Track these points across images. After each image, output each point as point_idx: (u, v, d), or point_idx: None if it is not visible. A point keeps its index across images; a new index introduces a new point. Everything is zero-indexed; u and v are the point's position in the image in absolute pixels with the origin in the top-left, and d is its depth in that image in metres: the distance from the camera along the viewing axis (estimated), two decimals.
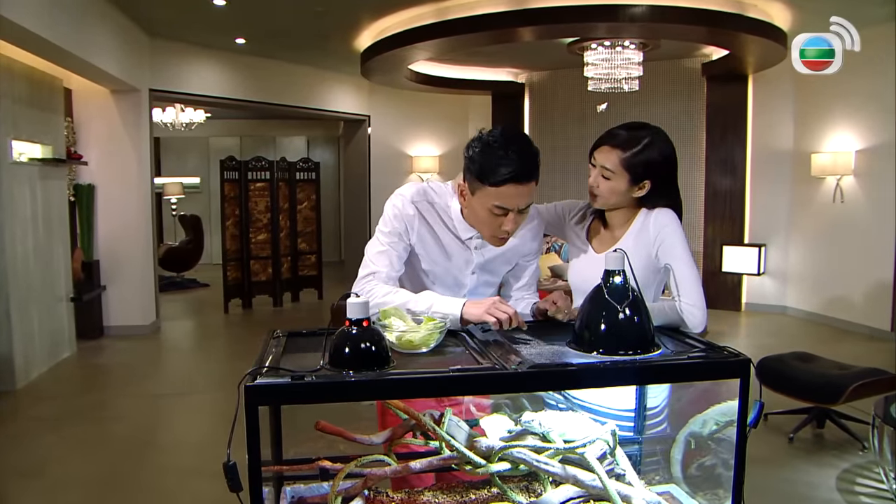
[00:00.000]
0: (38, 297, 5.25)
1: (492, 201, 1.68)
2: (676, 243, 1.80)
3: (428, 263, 1.89)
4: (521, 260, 1.98)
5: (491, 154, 1.65)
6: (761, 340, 6.45)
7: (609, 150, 1.80)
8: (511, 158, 1.64)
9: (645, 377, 1.38)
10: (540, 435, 1.57)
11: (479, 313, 1.64)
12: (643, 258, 1.80)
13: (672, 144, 1.83)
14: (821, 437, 3.88)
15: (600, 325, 1.42)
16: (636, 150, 1.78)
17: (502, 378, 1.23)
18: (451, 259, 1.88)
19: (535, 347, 1.48)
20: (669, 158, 1.81)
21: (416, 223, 1.84)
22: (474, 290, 1.94)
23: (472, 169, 1.69)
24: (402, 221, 1.83)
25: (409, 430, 1.62)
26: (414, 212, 1.84)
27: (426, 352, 1.47)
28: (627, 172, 1.79)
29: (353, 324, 1.33)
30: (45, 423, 4.23)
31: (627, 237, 1.86)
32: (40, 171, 5.33)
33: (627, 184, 1.80)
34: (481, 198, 1.70)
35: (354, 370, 1.30)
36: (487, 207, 1.70)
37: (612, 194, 1.82)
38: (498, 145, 1.65)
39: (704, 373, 1.35)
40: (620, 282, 1.45)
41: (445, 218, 1.86)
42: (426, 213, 1.85)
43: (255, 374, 1.25)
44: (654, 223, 1.82)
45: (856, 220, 6.45)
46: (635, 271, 1.79)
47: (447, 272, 1.89)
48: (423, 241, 1.86)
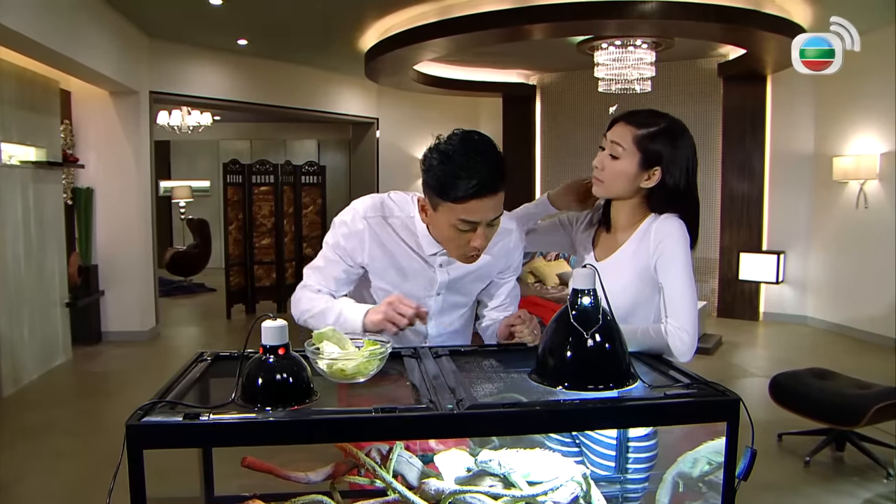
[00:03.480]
0: (30, 302, 5.13)
1: (456, 217, 1.48)
2: (676, 255, 1.55)
3: (383, 284, 1.69)
4: (496, 277, 1.77)
5: (450, 165, 1.45)
6: (778, 353, 6.17)
7: (624, 126, 1.61)
8: (473, 169, 1.43)
9: (613, 420, 1.16)
10: (500, 476, 1.37)
11: (379, 320, 1.48)
12: (641, 270, 1.58)
13: (694, 145, 1.64)
14: (840, 461, 3.59)
15: (565, 353, 1.22)
16: (654, 130, 1.59)
17: (433, 421, 1.03)
18: (410, 280, 1.67)
19: (494, 380, 1.28)
20: (686, 154, 1.61)
21: (368, 241, 1.64)
22: (441, 315, 1.73)
23: (431, 184, 1.49)
24: (350, 239, 1.64)
25: (354, 467, 1.43)
26: (364, 227, 1.64)
27: (363, 381, 1.27)
28: (640, 151, 1.58)
29: (268, 351, 1.14)
30: (25, 433, 4.09)
31: (630, 243, 1.63)
32: (34, 175, 5.22)
33: (637, 166, 1.58)
34: (444, 214, 1.50)
35: (269, 405, 1.11)
36: (452, 224, 1.50)
37: (618, 178, 1.60)
38: (457, 154, 1.45)
39: (684, 415, 1.13)
40: (590, 303, 1.24)
41: (405, 233, 1.65)
42: (379, 229, 1.64)
43: (146, 410, 1.06)
44: (657, 231, 1.58)
45: (880, 226, 6.14)
46: (632, 286, 1.59)
47: (409, 295, 1.64)
48: (374, 260, 1.66)
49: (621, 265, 1.61)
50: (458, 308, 1.76)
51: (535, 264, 6.74)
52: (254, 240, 7.77)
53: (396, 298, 1.51)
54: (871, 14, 5.36)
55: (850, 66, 4.38)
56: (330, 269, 1.67)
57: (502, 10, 5.51)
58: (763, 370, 5.41)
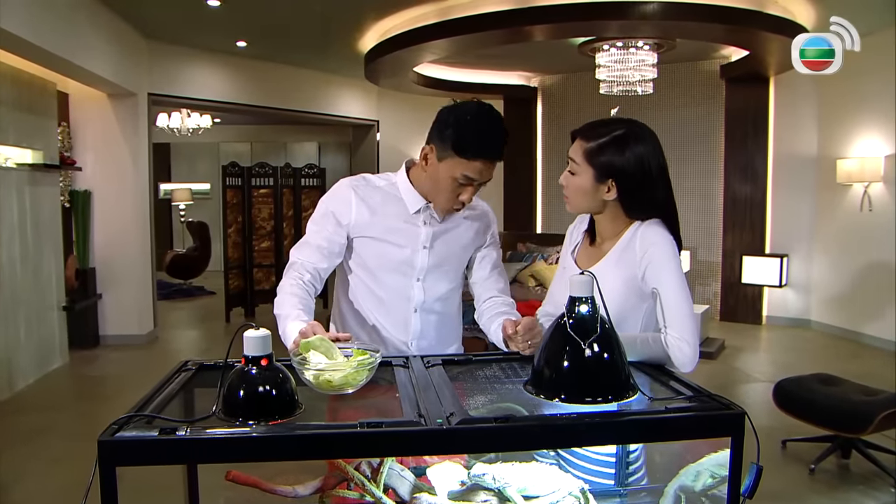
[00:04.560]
0: (26, 306, 5.09)
1: (461, 171, 1.65)
2: (666, 263, 1.50)
3: (371, 248, 1.77)
4: (475, 252, 1.87)
5: (470, 128, 1.63)
6: (782, 357, 6.10)
7: (577, 142, 1.59)
8: (490, 135, 1.64)
9: (611, 435, 1.10)
10: (495, 491, 1.32)
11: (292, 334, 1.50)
12: (627, 280, 1.52)
13: (654, 144, 1.54)
14: (846, 468, 3.53)
15: (562, 364, 1.16)
16: (601, 142, 1.53)
17: (422, 437, 0.97)
18: (396, 234, 1.76)
19: (488, 391, 1.23)
20: (642, 160, 1.52)
21: (354, 203, 1.76)
22: (430, 278, 1.79)
23: (447, 136, 1.64)
24: (337, 202, 1.77)
25: (343, 480, 1.38)
26: (350, 192, 1.78)
27: (352, 392, 1.22)
28: (591, 166, 1.54)
29: (250, 362, 1.09)
30: (20, 437, 4.04)
31: (613, 252, 1.58)
32: (30, 177, 5.18)
33: (592, 181, 1.54)
34: (449, 166, 1.66)
35: (251, 419, 1.06)
36: (453, 176, 1.67)
37: (578, 194, 1.58)
38: (479, 118, 1.64)
39: (686, 430, 1.08)
40: (588, 311, 1.19)
41: (389, 198, 1.78)
42: (364, 192, 1.78)
43: (121, 424, 1.01)
44: (641, 239, 1.53)
45: (885, 229, 6.07)
46: (617, 295, 1.53)
47: (396, 249, 1.77)
48: (361, 217, 1.76)
49: (605, 275, 1.55)
50: (445, 275, 1.82)
51: (536, 267, 6.68)
52: (253, 243, 7.73)
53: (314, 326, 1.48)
54: (874, 15, 5.31)
55: (854, 67, 4.34)
56: (313, 237, 1.77)
57: (503, 11, 5.46)
58: (766, 375, 5.35)
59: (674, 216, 1.58)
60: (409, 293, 1.78)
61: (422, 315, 1.80)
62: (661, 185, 1.55)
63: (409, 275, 1.77)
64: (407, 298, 1.78)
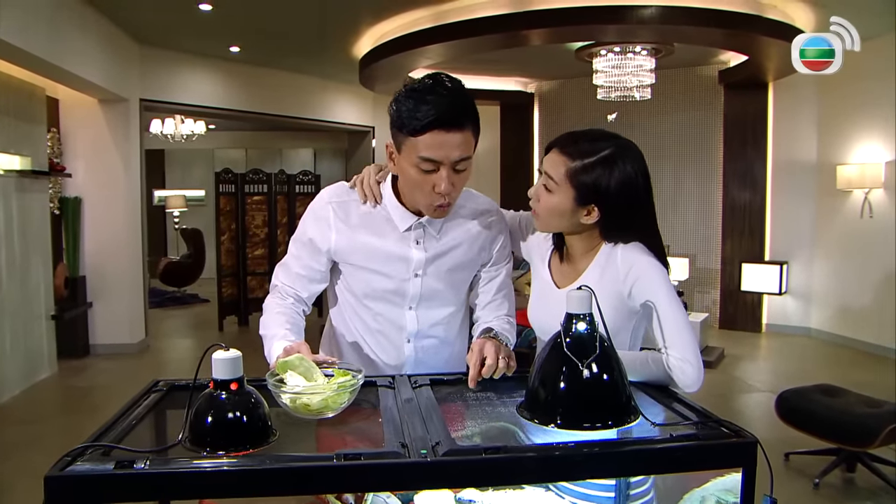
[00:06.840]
0: (13, 315, 4.98)
1: (418, 153, 1.39)
2: (656, 278, 1.39)
3: (356, 275, 1.60)
4: (481, 271, 1.66)
5: (413, 97, 1.39)
6: (782, 365, 6.02)
7: (557, 154, 1.42)
8: (432, 100, 1.37)
9: (612, 468, 1.01)
10: None
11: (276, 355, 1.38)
12: (613, 297, 1.41)
13: (642, 167, 1.40)
14: (852, 482, 3.43)
15: (558, 386, 1.08)
16: (588, 162, 1.37)
17: (403, 470, 0.88)
18: (384, 261, 1.56)
19: (479, 415, 1.14)
20: (630, 184, 1.38)
21: (333, 224, 1.57)
22: (423, 306, 1.60)
23: (394, 118, 1.42)
24: (315, 226, 1.59)
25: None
26: (329, 211, 1.58)
27: (332, 416, 1.13)
28: (573, 188, 1.39)
29: (219, 386, 1.00)
30: (3, 451, 3.92)
31: (593, 269, 1.46)
32: (17, 184, 5.09)
33: (572, 203, 1.40)
34: (407, 154, 1.42)
35: (220, 448, 0.97)
36: (414, 164, 1.41)
37: (553, 215, 1.44)
38: (423, 88, 1.40)
39: (694, 461, 0.99)
40: (586, 329, 1.10)
41: (375, 215, 1.56)
42: (344, 212, 1.57)
43: (74, 456, 0.92)
44: (623, 257, 1.41)
45: (886, 235, 6.00)
46: (605, 312, 1.44)
47: (385, 278, 1.57)
48: (342, 242, 1.57)
49: None
50: (442, 302, 1.62)
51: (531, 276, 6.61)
52: (247, 250, 7.63)
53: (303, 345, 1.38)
54: (875, 20, 5.25)
55: (855, 72, 4.27)
56: (293, 263, 1.64)
57: (499, 15, 5.39)
58: (767, 384, 5.26)
59: (654, 237, 1.46)
60: (401, 322, 1.60)
61: (416, 343, 1.62)
62: (646, 209, 1.43)
63: (400, 304, 1.59)
64: (399, 328, 1.60)
